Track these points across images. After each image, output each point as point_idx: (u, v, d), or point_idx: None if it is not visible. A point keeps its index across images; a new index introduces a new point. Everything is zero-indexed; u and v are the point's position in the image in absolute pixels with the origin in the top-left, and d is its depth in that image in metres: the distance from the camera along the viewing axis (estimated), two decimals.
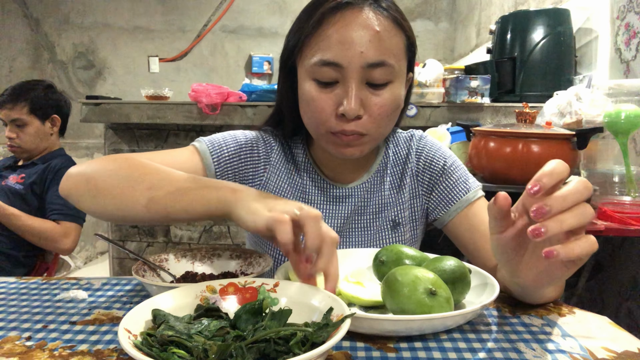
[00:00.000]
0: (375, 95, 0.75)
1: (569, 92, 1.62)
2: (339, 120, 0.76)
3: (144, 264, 0.73)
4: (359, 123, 0.76)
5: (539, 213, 0.47)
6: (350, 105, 0.73)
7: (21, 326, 0.61)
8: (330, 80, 0.75)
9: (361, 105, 0.75)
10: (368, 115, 0.76)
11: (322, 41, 0.74)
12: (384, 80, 0.75)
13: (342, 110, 0.74)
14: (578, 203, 0.47)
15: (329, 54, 0.74)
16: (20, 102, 1.88)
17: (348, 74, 0.74)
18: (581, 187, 0.48)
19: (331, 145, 0.80)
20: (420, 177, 0.91)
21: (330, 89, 0.76)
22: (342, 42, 0.73)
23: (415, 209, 0.91)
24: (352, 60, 0.73)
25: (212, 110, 2.24)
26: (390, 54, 0.74)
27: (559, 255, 0.47)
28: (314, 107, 0.77)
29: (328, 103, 0.76)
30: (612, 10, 1.79)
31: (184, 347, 0.46)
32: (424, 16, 4.28)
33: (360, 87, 0.75)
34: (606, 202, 1.35)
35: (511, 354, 0.52)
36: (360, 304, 0.65)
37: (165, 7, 4.32)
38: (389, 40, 0.75)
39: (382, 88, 0.76)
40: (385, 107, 0.76)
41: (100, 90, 4.31)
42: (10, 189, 1.86)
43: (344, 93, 0.75)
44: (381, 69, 0.74)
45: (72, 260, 2.17)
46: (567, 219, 0.47)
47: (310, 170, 0.91)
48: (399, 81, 0.78)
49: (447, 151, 0.92)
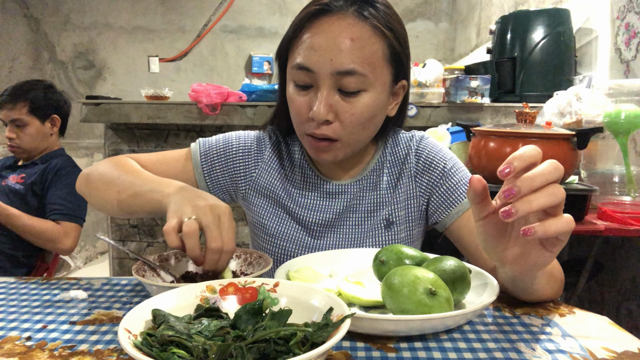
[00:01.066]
0: (347, 102, 0.78)
1: (569, 92, 1.62)
2: (311, 123, 0.79)
3: (144, 264, 0.73)
4: (329, 128, 0.78)
5: (509, 194, 0.48)
6: (319, 110, 0.76)
7: (21, 326, 0.61)
8: (305, 84, 0.78)
9: (331, 111, 0.77)
10: (339, 121, 0.78)
11: (300, 45, 0.78)
12: (355, 88, 0.76)
13: (310, 114, 0.78)
14: (548, 183, 0.49)
15: (302, 59, 0.77)
16: (20, 102, 1.88)
17: (319, 80, 0.76)
18: (551, 168, 0.49)
19: (308, 147, 0.84)
20: (418, 178, 0.90)
21: (306, 92, 0.79)
22: (314, 48, 0.76)
23: (411, 210, 0.90)
24: (322, 67, 0.75)
25: (212, 110, 2.24)
26: (364, 63, 0.75)
27: (535, 232, 0.48)
28: (292, 109, 0.82)
29: (303, 106, 0.79)
30: (612, 10, 1.79)
31: (184, 347, 0.46)
32: (424, 16, 4.28)
33: (331, 93, 0.77)
34: (606, 202, 1.35)
35: (511, 354, 0.52)
36: (360, 304, 0.65)
37: (165, 7, 4.32)
38: (364, 49, 0.75)
39: (353, 96, 0.77)
40: (357, 115, 0.78)
41: (100, 90, 4.31)
42: (10, 189, 1.86)
43: (315, 97, 0.77)
44: (352, 77, 0.75)
45: (72, 260, 2.17)
46: (536, 199, 0.48)
47: (304, 167, 0.92)
48: (375, 90, 0.78)
49: (447, 153, 0.91)
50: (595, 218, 1.30)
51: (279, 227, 0.90)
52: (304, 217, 0.90)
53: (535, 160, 0.49)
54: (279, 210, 0.91)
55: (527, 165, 0.49)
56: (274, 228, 0.90)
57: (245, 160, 0.92)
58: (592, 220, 1.28)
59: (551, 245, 0.53)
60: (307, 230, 0.90)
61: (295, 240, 0.89)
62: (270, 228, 0.91)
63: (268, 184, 0.92)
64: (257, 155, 0.93)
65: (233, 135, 0.94)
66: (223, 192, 0.94)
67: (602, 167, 1.45)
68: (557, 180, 0.49)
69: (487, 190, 0.53)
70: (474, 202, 0.54)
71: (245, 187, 0.93)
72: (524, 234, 0.49)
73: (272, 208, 0.91)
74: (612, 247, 1.72)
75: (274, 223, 0.91)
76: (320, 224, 0.89)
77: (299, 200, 0.91)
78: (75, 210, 1.85)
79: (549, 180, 0.49)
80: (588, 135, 1.22)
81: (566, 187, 1.28)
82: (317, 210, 0.90)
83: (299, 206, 0.90)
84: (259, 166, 0.93)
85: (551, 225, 0.49)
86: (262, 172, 0.92)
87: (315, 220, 0.89)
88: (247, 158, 0.92)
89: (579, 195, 1.26)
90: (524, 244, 0.54)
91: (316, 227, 0.89)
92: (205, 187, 0.92)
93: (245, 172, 0.92)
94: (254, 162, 0.93)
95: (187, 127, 2.47)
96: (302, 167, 0.93)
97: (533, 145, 0.50)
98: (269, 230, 0.91)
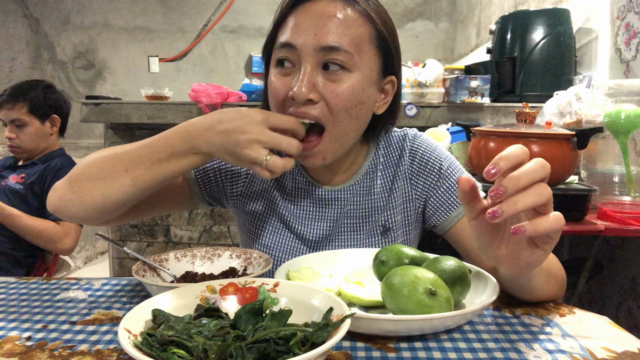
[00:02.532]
0: (331, 81, 0.73)
1: (569, 92, 1.62)
2: (291, 104, 0.74)
3: (144, 264, 0.73)
4: (314, 108, 0.73)
5: (496, 194, 0.48)
6: (301, 87, 0.71)
7: (21, 326, 0.61)
8: (287, 60, 0.75)
9: (315, 90, 0.72)
10: (324, 102, 0.73)
11: (284, 27, 0.76)
12: (339, 65, 0.73)
13: (291, 94, 0.72)
14: (534, 182, 0.49)
15: (286, 36, 0.74)
16: (19, 102, 1.88)
17: (302, 57, 0.73)
18: (537, 167, 0.49)
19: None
20: (414, 181, 0.87)
21: (287, 71, 0.75)
22: (299, 25, 0.74)
23: (408, 214, 0.87)
24: (306, 42, 0.72)
25: (212, 110, 2.24)
26: (348, 41, 0.73)
27: (525, 231, 0.49)
28: (271, 92, 0.77)
29: (282, 87, 0.75)
30: (612, 10, 1.79)
31: (184, 347, 0.46)
32: (424, 16, 4.28)
33: (314, 71, 0.73)
34: (606, 202, 1.35)
35: (511, 354, 0.52)
36: (361, 304, 0.65)
37: (165, 7, 4.32)
38: (350, 29, 0.73)
39: (338, 75, 0.73)
40: (343, 96, 0.73)
41: (100, 90, 4.31)
42: (10, 189, 1.86)
43: (297, 77, 0.73)
44: (337, 53, 0.72)
45: (72, 260, 2.17)
46: (522, 199, 0.48)
47: (294, 172, 0.88)
48: (360, 73, 0.74)
49: (443, 152, 0.88)
50: (595, 218, 1.30)
51: (272, 236, 0.87)
52: (299, 228, 0.86)
53: (522, 159, 0.49)
54: (272, 218, 0.88)
55: (513, 164, 0.49)
56: (268, 238, 0.87)
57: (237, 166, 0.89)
58: (592, 220, 1.28)
59: (542, 243, 0.53)
60: (303, 241, 0.87)
61: (288, 250, 0.86)
62: (264, 238, 0.87)
63: (260, 190, 0.88)
64: None
65: None
66: (216, 200, 0.91)
67: (602, 167, 1.45)
68: (544, 178, 0.49)
69: (476, 190, 0.53)
70: (464, 202, 0.54)
71: (237, 194, 0.89)
72: (513, 233, 0.49)
73: (264, 216, 0.88)
74: (612, 247, 1.72)
75: (269, 232, 0.87)
76: (315, 233, 0.86)
77: (291, 208, 0.87)
78: None
79: (535, 179, 0.49)
80: (588, 135, 1.22)
81: (566, 187, 1.28)
82: (311, 219, 0.86)
83: (293, 215, 0.87)
84: (250, 172, 0.89)
85: (541, 223, 0.49)
86: (254, 178, 0.89)
87: (310, 231, 0.86)
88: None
89: (579, 195, 1.26)
90: (515, 243, 0.54)
91: (310, 236, 0.86)
92: (200, 195, 0.89)
93: (238, 178, 0.89)
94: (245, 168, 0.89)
95: None
96: (292, 173, 0.88)
97: (520, 145, 0.50)
98: (263, 241, 0.87)
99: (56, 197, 0.76)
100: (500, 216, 0.48)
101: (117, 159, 0.72)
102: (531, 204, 0.48)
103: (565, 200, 1.25)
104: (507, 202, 0.48)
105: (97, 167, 0.73)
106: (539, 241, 0.53)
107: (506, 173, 0.49)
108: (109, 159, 0.73)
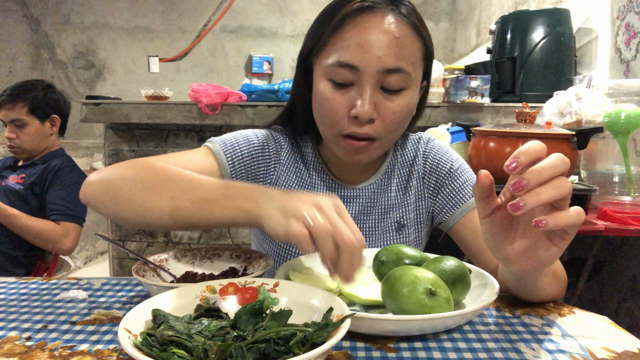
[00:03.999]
0: (389, 100, 0.75)
1: (569, 92, 1.62)
2: (351, 122, 0.76)
3: (144, 264, 0.73)
4: (371, 127, 0.76)
5: (517, 186, 0.48)
6: (364, 108, 0.73)
7: (21, 326, 0.61)
8: (346, 82, 0.75)
9: (374, 109, 0.75)
10: (380, 120, 0.76)
11: (341, 42, 0.75)
12: (398, 86, 0.75)
13: (355, 113, 0.74)
14: (555, 176, 0.49)
15: (347, 56, 0.74)
16: (19, 102, 1.87)
17: (364, 77, 0.74)
18: (558, 161, 0.49)
19: (342, 149, 0.80)
20: (426, 180, 0.91)
21: (345, 90, 0.76)
22: (361, 45, 0.73)
23: (420, 211, 0.91)
24: (369, 64, 0.73)
25: (212, 110, 2.24)
26: (408, 61, 0.75)
27: (547, 224, 0.49)
28: (327, 108, 0.77)
29: (342, 104, 0.76)
30: (612, 10, 1.79)
31: (184, 347, 0.46)
32: (424, 16, 4.23)
33: (375, 91, 0.75)
34: (606, 202, 1.35)
35: (511, 354, 0.52)
36: (361, 303, 0.65)
37: (165, 7, 4.32)
38: (408, 48, 0.75)
39: (396, 94, 0.76)
40: (398, 113, 0.76)
41: (100, 90, 4.31)
42: (10, 189, 1.86)
43: (358, 96, 0.74)
44: (397, 75, 0.74)
45: (72, 260, 2.17)
46: (544, 191, 0.48)
47: (319, 170, 0.91)
48: (413, 89, 0.78)
49: (454, 154, 0.92)
50: (595, 218, 1.30)
51: None
52: None
53: (541, 155, 0.50)
54: None
55: (533, 159, 0.49)
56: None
57: (266, 162, 0.88)
58: (592, 220, 1.28)
59: (558, 239, 0.53)
60: None
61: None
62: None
63: (287, 186, 0.89)
64: (275, 156, 0.89)
65: (250, 134, 0.89)
66: None
67: (602, 167, 1.45)
68: (565, 173, 0.50)
69: (493, 186, 0.53)
70: (479, 198, 0.54)
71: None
72: (535, 225, 0.49)
73: None
74: (612, 247, 1.72)
75: None
76: None
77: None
78: (75, 210, 1.85)
79: (557, 173, 0.49)
80: (588, 135, 1.22)
81: None
82: None
83: None
84: (277, 167, 0.89)
85: (562, 216, 0.49)
86: (281, 174, 0.89)
87: None
88: (268, 158, 0.88)
89: (579, 195, 1.26)
90: (532, 238, 0.54)
91: None
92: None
93: (266, 173, 0.88)
94: (273, 162, 0.89)
95: (187, 127, 2.47)
96: (317, 170, 0.90)
97: (538, 141, 0.50)
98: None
99: (90, 192, 0.71)
100: (523, 208, 0.48)
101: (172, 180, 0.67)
102: (553, 197, 0.48)
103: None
104: (529, 194, 0.48)
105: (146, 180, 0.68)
106: (555, 237, 0.53)
107: (526, 167, 0.49)
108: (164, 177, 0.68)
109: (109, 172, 0.71)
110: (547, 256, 0.54)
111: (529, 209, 0.48)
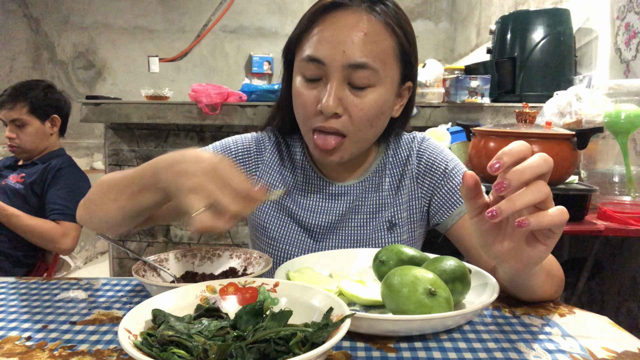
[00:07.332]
0: (356, 96, 0.77)
1: (569, 92, 1.62)
2: (318, 117, 0.78)
3: (144, 264, 0.73)
4: (338, 121, 0.77)
5: (500, 187, 0.49)
6: (328, 103, 0.75)
7: (21, 326, 0.61)
8: (315, 77, 0.78)
9: (340, 104, 0.76)
10: (348, 115, 0.77)
11: (311, 38, 0.77)
12: (365, 83, 0.76)
13: (319, 107, 0.76)
14: (537, 176, 0.49)
15: (314, 51, 0.76)
16: (20, 102, 1.88)
17: (330, 72, 0.76)
18: (540, 161, 0.50)
19: (314, 148, 0.82)
20: (420, 180, 0.90)
21: (314, 85, 0.78)
22: (327, 40, 0.75)
23: (413, 211, 0.90)
24: (334, 59, 0.75)
25: (212, 110, 2.24)
26: (375, 58, 0.75)
27: (530, 224, 0.49)
28: (299, 102, 0.80)
29: (310, 99, 0.78)
30: (612, 10, 1.79)
31: (184, 347, 0.46)
32: (424, 16, 4.28)
33: (341, 86, 0.76)
34: (606, 202, 1.35)
35: (511, 354, 0.52)
36: (361, 303, 0.65)
37: (165, 7, 4.32)
38: (376, 44, 0.75)
39: (363, 91, 0.77)
40: (365, 110, 0.77)
41: (100, 90, 4.31)
42: (11, 188, 1.86)
43: (324, 90, 0.76)
44: (364, 71, 0.75)
45: (72, 260, 2.17)
46: (520, 197, 0.49)
47: (306, 168, 0.92)
48: (383, 87, 0.78)
49: (449, 154, 0.91)
50: (595, 218, 1.30)
51: (281, 229, 0.89)
52: (306, 220, 0.89)
53: (524, 155, 0.50)
54: (280, 212, 0.90)
55: (516, 159, 0.50)
56: (275, 231, 0.89)
57: (245, 163, 0.91)
58: (592, 220, 1.28)
59: (545, 238, 0.53)
60: (309, 233, 0.89)
61: (297, 243, 0.89)
62: (271, 231, 0.90)
63: (269, 185, 0.91)
64: (256, 157, 0.92)
65: (230, 140, 0.94)
66: None
67: (602, 167, 1.45)
68: (547, 172, 0.50)
69: (479, 186, 0.53)
70: (467, 198, 0.54)
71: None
72: (518, 225, 0.50)
73: (273, 210, 0.91)
74: (612, 247, 1.72)
75: (276, 226, 0.90)
76: (323, 226, 0.89)
77: (301, 202, 0.90)
78: (75, 210, 1.84)
79: (539, 173, 0.49)
80: (588, 135, 1.22)
81: (566, 187, 1.28)
82: (320, 212, 0.89)
83: (301, 208, 0.89)
84: (259, 168, 0.92)
85: (545, 216, 0.50)
86: (263, 174, 0.92)
87: (317, 223, 0.89)
88: (247, 160, 0.92)
89: (579, 195, 1.26)
90: (518, 238, 0.54)
91: (318, 229, 0.89)
92: None
93: (245, 174, 0.90)
94: (254, 163, 0.92)
95: (187, 127, 2.47)
96: (304, 169, 0.92)
97: (522, 141, 0.51)
98: (271, 233, 0.90)
99: (79, 212, 0.84)
100: (499, 215, 0.49)
101: (110, 187, 0.74)
102: (529, 202, 0.49)
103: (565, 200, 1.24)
104: (505, 202, 0.49)
105: (98, 194, 0.77)
106: (541, 236, 0.53)
107: (509, 167, 0.49)
108: (106, 187, 0.76)
109: (87, 196, 0.82)
110: (535, 255, 0.54)
111: (505, 217, 0.49)
